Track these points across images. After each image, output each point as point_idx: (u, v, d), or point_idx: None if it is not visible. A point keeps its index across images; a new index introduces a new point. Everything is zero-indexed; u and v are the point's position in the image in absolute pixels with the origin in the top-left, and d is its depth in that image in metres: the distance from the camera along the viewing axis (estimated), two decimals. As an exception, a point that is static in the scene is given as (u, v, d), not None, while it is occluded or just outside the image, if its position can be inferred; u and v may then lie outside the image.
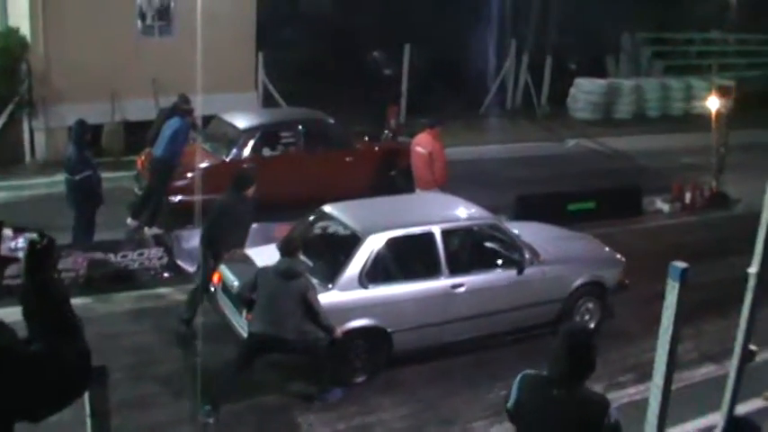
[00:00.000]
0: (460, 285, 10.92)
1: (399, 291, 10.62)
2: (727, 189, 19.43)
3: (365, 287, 10.35)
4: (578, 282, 11.89)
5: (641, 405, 7.12)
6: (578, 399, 5.19)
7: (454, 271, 10.94)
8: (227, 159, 15.60)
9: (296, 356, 9.90)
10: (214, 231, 11.47)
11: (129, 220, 14.87)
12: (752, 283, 6.46)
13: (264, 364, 10.07)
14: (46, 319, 3.53)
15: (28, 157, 19.37)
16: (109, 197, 14.06)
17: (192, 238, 13.62)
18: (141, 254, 13.34)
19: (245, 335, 9.97)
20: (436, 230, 10.90)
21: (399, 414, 9.95)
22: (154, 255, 13.42)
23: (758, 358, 6.78)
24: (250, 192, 11.58)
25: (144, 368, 10.63)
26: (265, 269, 9.79)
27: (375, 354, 10.55)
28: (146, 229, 14.58)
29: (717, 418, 6.89)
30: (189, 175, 15.01)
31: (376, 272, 10.47)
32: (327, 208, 11.65)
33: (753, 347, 6.63)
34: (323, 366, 9.98)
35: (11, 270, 3.90)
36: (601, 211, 17.08)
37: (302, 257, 10.12)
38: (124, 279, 13.10)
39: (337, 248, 11.03)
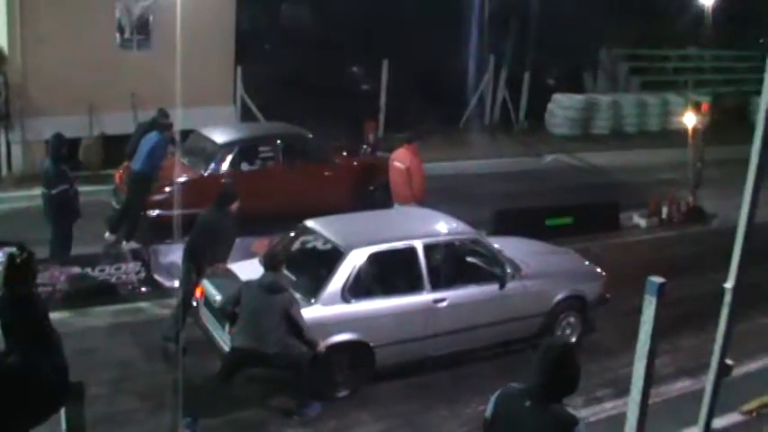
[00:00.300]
0: (443, 300, 10.93)
1: (382, 305, 10.62)
2: (704, 204, 19.56)
3: (348, 302, 10.35)
4: (559, 296, 11.93)
5: (619, 420, 7.14)
6: (547, 413, 5.18)
7: (436, 286, 10.95)
8: (206, 174, 15.55)
9: (277, 371, 9.87)
10: (197, 246, 11.45)
11: (106, 235, 14.81)
12: (728, 298, 6.50)
13: (244, 379, 10.02)
14: (24, 332, 3.51)
15: (4, 171, 19.25)
16: (86, 211, 13.97)
17: (170, 253, 13.59)
18: (119, 268, 13.28)
19: (227, 349, 9.94)
20: (418, 245, 10.92)
21: (377, 429, 9.94)
22: (131, 269, 13.36)
23: (734, 372, 6.80)
24: (233, 207, 11.55)
25: (121, 383, 10.55)
26: (249, 283, 9.76)
27: (358, 368, 10.54)
28: (123, 243, 14.51)
29: (694, 433, 6.92)
30: (167, 189, 14.98)
31: (358, 286, 10.47)
32: (309, 223, 11.64)
33: (729, 362, 6.66)
34: (303, 381, 9.94)
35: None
36: (578, 226, 17.15)
37: (285, 272, 10.12)
38: (101, 293, 13.03)
39: (320, 263, 11.04)
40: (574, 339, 12.10)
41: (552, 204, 18.40)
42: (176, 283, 13.13)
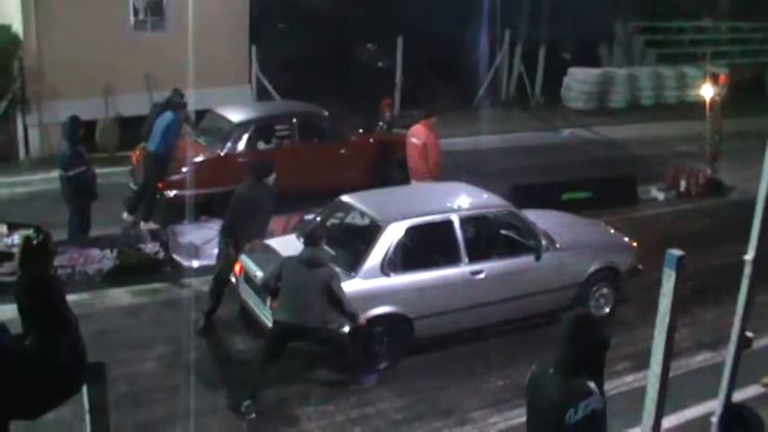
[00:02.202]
0: (480, 272, 11.07)
1: (420, 278, 10.77)
2: (722, 176, 19.46)
3: (387, 275, 10.51)
4: (593, 267, 12.05)
5: (639, 393, 7.13)
6: (562, 382, 5.20)
7: (473, 258, 11.09)
8: (222, 153, 15.58)
9: (318, 345, 10.08)
10: (235, 221, 11.54)
11: (124, 215, 14.86)
12: (747, 270, 6.45)
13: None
14: (41, 315, 3.52)
15: (22, 154, 19.36)
16: (104, 193, 14.04)
17: (188, 233, 13.64)
18: (137, 249, 13.32)
19: (269, 324, 10.11)
20: (455, 218, 11.07)
21: (397, 405, 9.97)
22: (150, 250, 13.39)
23: (754, 344, 6.76)
24: (270, 180, 11.67)
25: (141, 364, 10.62)
26: (290, 259, 9.92)
27: (397, 340, 10.71)
28: (141, 223, 14.57)
29: (714, 405, 6.88)
30: (184, 169, 15.00)
31: (397, 260, 10.63)
32: (346, 198, 11.82)
33: (749, 334, 6.63)
34: (351, 352, 10.11)
35: (5, 267, 3.89)
36: (596, 201, 17.09)
37: (324, 247, 10.27)
38: (120, 274, 13.10)
39: (358, 237, 11.21)
40: (607, 310, 12.28)
41: (569, 179, 18.33)
42: (195, 263, 13.25)
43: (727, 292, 8.19)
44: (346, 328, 10.04)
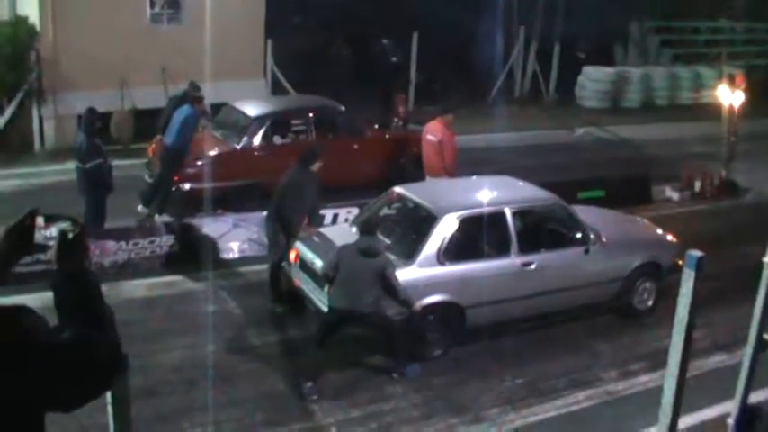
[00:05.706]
0: (530, 263, 11.25)
1: (473, 268, 10.98)
2: (737, 178, 19.40)
3: (442, 264, 10.69)
4: (637, 262, 12.23)
5: (654, 393, 7.13)
6: None
7: (524, 249, 11.29)
8: (238, 147, 15.61)
9: (371, 332, 10.32)
10: (282, 208, 11.72)
11: (139, 208, 14.92)
12: (766, 272, 6.44)
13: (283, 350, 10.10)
14: (77, 308, 3.52)
15: (37, 146, 19.43)
16: (119, 185, 14.03)
17: (203, 226, 13.66)
18: (152, 241, 13.36)
19: (325, 309, 10.32)
20: (507, 210, 11.26)
21: (413, 402, 9.96)
22: (165, 242, 13.44)
23: (770, 347, 6.75)
24: (316, 166, 11.83)
25: (156, 356, 10.65)
26: (346, 247, 10.15)
27: (450, 329, 10.92)
28: (156, 216, 14.61)
29: (730, 407, 6.88)
30: (199, 162, 15.04)
31: (452, 249, 10.81)
32: (399, 189, 12.10)
33: (766, 336, 6.62)
34: (399, 342, 10.28)
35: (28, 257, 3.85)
36: (610, 200, 16.97)
37: (379, 236, 10.55)
38: (135, 267, 13.13)
39: (413, 227, 11.44)
40: (650, 304, 12.47)
41: (583, 178, 18.29)
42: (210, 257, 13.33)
43: (742, 293, 8.18)
44: (400, 316, 10.24)
